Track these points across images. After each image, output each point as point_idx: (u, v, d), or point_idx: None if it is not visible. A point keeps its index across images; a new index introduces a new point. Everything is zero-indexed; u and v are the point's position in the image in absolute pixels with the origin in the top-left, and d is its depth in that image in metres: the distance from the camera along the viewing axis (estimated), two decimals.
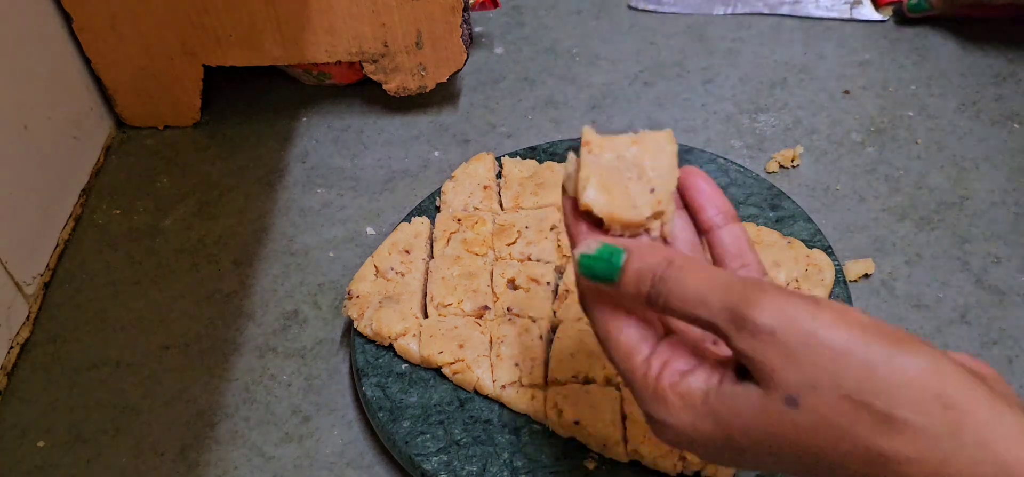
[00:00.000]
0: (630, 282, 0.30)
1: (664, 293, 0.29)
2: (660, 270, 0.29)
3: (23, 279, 0.57)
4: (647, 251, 0.30)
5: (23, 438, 0.51)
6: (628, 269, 0.30)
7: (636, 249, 0.30)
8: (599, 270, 0.31)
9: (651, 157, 0.33)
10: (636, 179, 0.32)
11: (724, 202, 0.34)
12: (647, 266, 0.30)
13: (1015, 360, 0.51)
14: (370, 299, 0.52)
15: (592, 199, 0.32)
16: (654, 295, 0.29)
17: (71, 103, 0.65)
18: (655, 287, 0.29)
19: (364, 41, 0.64)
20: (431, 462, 0.46)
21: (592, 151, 0.33)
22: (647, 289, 0.30)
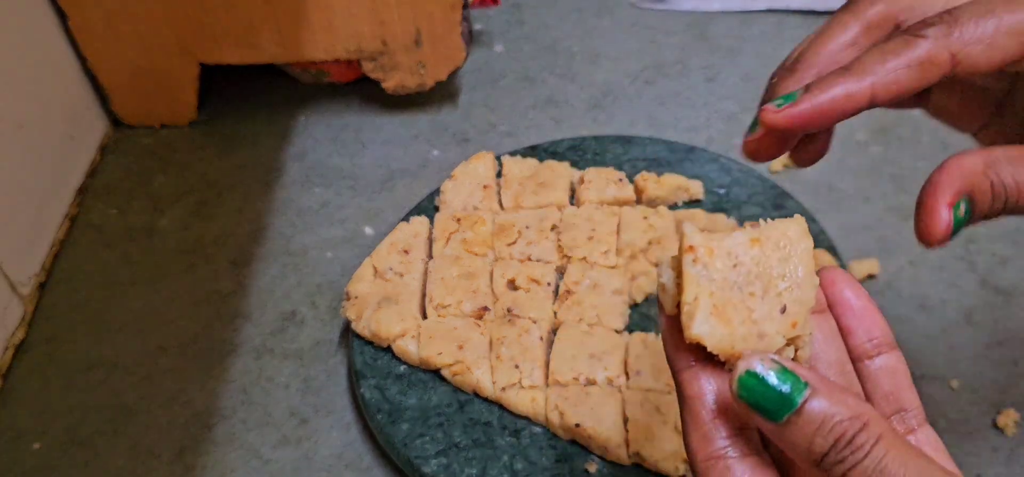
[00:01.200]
0: (805, 431, 0.23)
1: (849, 466, 0.22)
2: (853, 431, 0.22)
3: (18, 279, 0.56)
4: (837, 394, 0.23)
5: (18, 440, 0.51)
6: (808, 413, 0.23)
7: (822, 386, 0.23)
8: (768, 400, 0.23)
9: (779, 261, 0.25)
10: (761, 294, 0.25)
11: (879, 323, 0.27)
12: (836, 418, 0.22)
13: (1020, 361, 0.51)
14: (368, 300, 0.52)
15: (703, 331, 0.25)
16: (834, 461, 0.22)
17: (66, 102, 0.64)
18: (838, 452, 0.22)
19: (363, 39, 0.64)
20: (430, 464, 0.46)
21: (698, 259, 0.25)
22: (825, 449, 0.22)
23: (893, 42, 0.27)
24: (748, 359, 0.23)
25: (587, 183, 0.57)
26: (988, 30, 0.26)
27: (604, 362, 0.48)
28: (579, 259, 0.53)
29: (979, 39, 0.26)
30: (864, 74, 0.27)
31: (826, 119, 0.27)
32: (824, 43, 0.29)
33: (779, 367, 0.23)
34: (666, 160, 0.60)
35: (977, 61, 0.27)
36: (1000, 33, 0.26)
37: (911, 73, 0.26)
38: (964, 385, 0.50)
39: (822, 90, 0.27)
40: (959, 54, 0.26)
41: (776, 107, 0.28)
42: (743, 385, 0.23)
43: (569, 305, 0.51)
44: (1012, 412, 0.48)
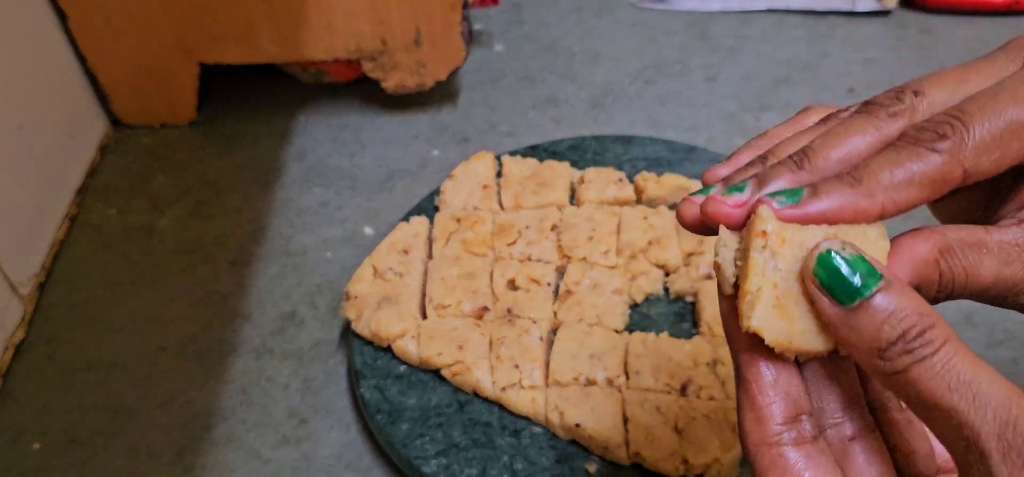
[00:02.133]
0: (875, 317, 0.22)
1: (916, 359, 0.22)
2: (919, 327, 0.22)
3: (18, 280, 0.56)
4: (911, 294, 0.23)
5: (18, 440, 0.51)
6: (880, 300, 0.22)
7: (899, 282, 0.23)
8: (841, 283, 0.23)
9: None
10: None
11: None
12: (904, 311, 0.22)
13: (1020, 361, 0.51)
14: (368, 300, 0.52)
15: (763, 325, 0.24)
16: (898, 353, 0.22)
17: (66, 102, 0.64)
18: (907, 342, 0.22)
19: (362, 38, 0.63)
20: (430, 465, 0.46)
21: (768, 246, 0.24)
22: (893, 338, 0.22)
23: (904, 154, 0.25)
24: (828, 241, 0.23)
25: (587, 183, 0.57)
26: (1000, 137, 0.25)
27: (604, 362, 0.48)
28: (579, 259, 0.53)
29: (990, 147, 0.25)
30: (874, 192, 0.24)
31: (824, 224, 0.25)
32: (836, 146, 0.26)
33: (858, 254, 0.23)
34: (666, 160, 0.60)
35: (988, 171, 0.25)
36: (1010, 138, 0.25)
37: (922, 192, 0.25)
38: None
39: (830, 197, 0.25)
40: (970, 168, 0.25)
41: (778, 204, 0.25)
42: (822, 262, 0.23)
43: (569, 305, 0.51)
44: None
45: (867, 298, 0.23)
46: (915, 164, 0.25)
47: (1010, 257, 0.25)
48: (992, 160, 0.25)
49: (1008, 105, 0.25)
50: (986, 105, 0.25)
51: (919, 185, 0.25)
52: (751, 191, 0.26)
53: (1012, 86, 0.26)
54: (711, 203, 0.26)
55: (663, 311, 0.53)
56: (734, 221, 0.26)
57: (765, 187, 0.25)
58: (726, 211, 0.25)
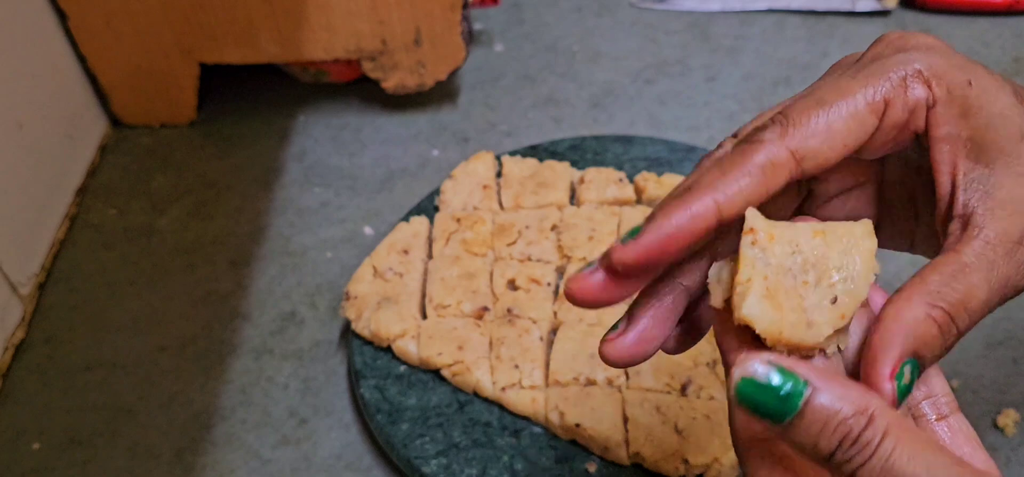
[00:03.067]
0: (809, 432, 0.22)
1: (857, 465, 0.22)
2: (858, 429, 0.22)
3: (17, 279, 0.56)
4: (839, 390, 0.22)
5: (18, 440, 0.51)
6: (809, 414, 0.22)
7: (823, 384, 0.22)
8: (767, 405, 0.22)
9: (838, 253, 0.25)
10: (814, 284, 0.25)
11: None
12: (839, 417, 0.22)
13: (1019, 361, 0.51)
14: (368, 300, 0.52)
15: (753, 313, 0.24)
16: (841, 461, 0.22)
17: (66, 101, 0.64)
18: (845, 452, 0.22)
19: (362, 38, 0.63)
20: (430, 465, 0.46)
21: (757, 242, 0.25)
22: (831, 449, 0.22)
23: (731, 154, 0.26)
24: (744, 363, 0.23)
25: (587, 183, 0.57)
26: (822, 122, 0.25)
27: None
28: (579, 259, 0.53)
29: (815, 132, 0.25)
30: (705, 191, 0.25)
31: (674, 247, 0.25)
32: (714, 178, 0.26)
33: (777, 367, 0.22)
34: (666, 160, 0.60)
35: (820, 154, 0.25)
36: (837, 120, 0.25)
37: (755, 181, 0.25)
38: (964, 385, 0.50)
39: (665, 215, 0.25)
40: (799, 150, 0.25)
41: (622, 244, 0.25)
42: (740, 392, 0.23)
43: (569, 305, 0.51)
44: (1012, 412, 0.48)
45: (797, 415, 0.22)
46: (741, 158, 0.25)
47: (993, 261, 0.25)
48: (819, 142, 0.25)
49: (825, 93, 0.26)
50: (804, 98, 0.26)
51: (750, 175, 0.25)
52: (599, 260, 0.27)
53: (829, 79, 0.27)
54: (572, 282, 0.27)
55: None
56: (590, 294, 0.27)
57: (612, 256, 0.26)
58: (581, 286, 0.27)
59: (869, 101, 0.26)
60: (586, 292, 0.27)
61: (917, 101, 0.26)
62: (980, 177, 0.26)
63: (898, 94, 0.26)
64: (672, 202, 0.25)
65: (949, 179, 0.27)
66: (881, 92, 0.26)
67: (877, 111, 0.26)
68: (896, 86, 0.26)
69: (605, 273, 0.27)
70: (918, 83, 0.26)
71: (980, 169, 0.26)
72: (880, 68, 0.26)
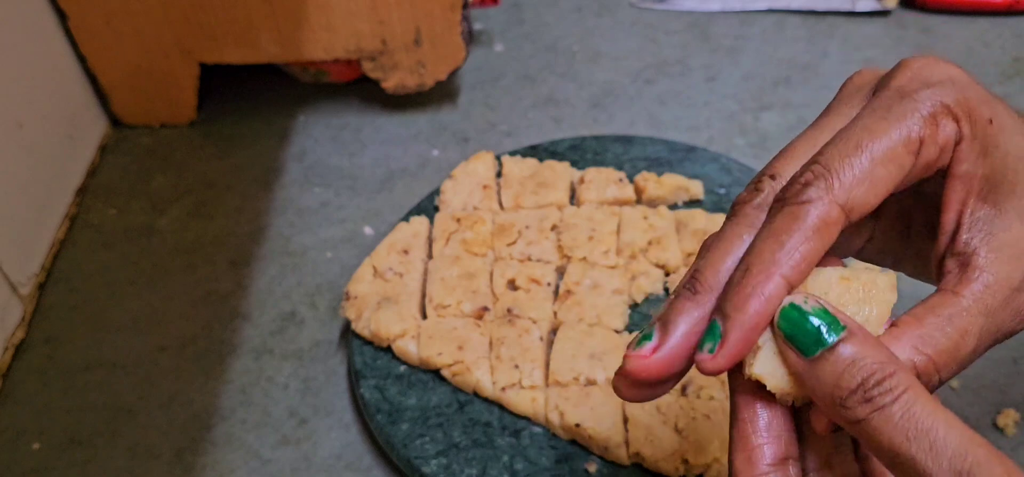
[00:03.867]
0: (835, 367, 0.23)
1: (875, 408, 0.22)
2: (877, 376, 0.22)
3: (17, 279, 0.56)
4: (872, 343, 0.23)
5: (18, 440, 0.51)
6: (840, 350, 0.23)
7: (859, 332, 0.23)
8: (805, 331, 0.23)
9: (856, 302, 0.25)
10: None
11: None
12: (867, 360, 0.23)
13: (1019, 361, 0.51)
14: (368, 300, 0.52)
15: (764, 373, 0.25)
16: (858, 402, 0.22)
17: (66, 101, 0.64)
18: (866, 392, 0.22)
19: (362, 38, 0.63)
20: (430, 465, 0.46)
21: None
22: (851, 387, 0.23)
23: (780, 220, 0.25)
24: (794, 295, 0.24)
25: (587, 183, 0.57)
26: (865, 168, 0.25)
27: (604, 362, 0.48)
28: (579, 259, 0.53)
29: (859, 181, 0.25)
30: (771, 270, 0.24)
31: (757, 335, 0.25)
32: (721, 259, 0.26)
33: (820, 307, 0.24)
34: (666, 160, 0.60)
35: (866, 202, 0.25)
36: (879, 166, 0.25)
37: (814, 246, 0.24)
38: (964, 385, 0.50)
39: (742, 310, 0.24)
40: (847, 203, 0.25)
41: (709, 354, 0.25)
42: (785, 316, 0.24)
43: (569, 305, 0.51)
44: (1012, 412, 0.48)
45: (828, 349, 0.23)
46: (794, 224, 0.25)
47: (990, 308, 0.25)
48: (865, 190, 0.25)
49: (862, 136, 0.25)
50: (840, 143, 0.25)
51: (807, 240, 0.25)
52: (657, 334, 0.26)
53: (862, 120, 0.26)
54: (629, 362, 0.26)
55: None
56: (655, 371, 0.26)
57: (668, 324, 0.25)
58: (642, 365, 0.25)
59: (904, 142, 0.25)
60: (641, 369, 0.26)
61: (947, 139, 0.26)
62: (986, 217, 0.26)
63: (931, 132, 0.25)
64: (742, 289, 0.24)
65: (955, 216, 0.26)
66: (916, 131, 0.25)
67: (913, 151, 0.25)
68: (928, 124, 0.25)
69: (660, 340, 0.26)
70: (948, 119, 0.26)
71: (987, 209, 0.26)
72: (912, 106, 0.26)
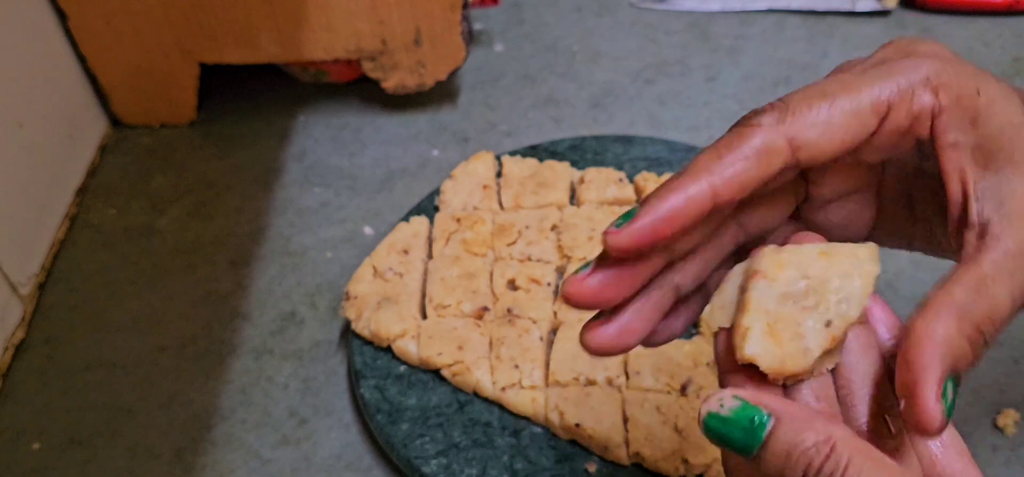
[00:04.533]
0: (775, 462, 0.23)
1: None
2: (818, 460, 0.23)
3: (17, 279, 0.56)
4: (802, 421, 0.23)
5: (18, 440, 0.51)
6: (773, 445, 0.23)
7: (786, 416, 0.23)
8: (733, 438, 0.24)
9: (839, 275, 0.25)
10: (813, 308, 0.25)
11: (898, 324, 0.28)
12: (800, 448, 0.23)
13: (1020, 360, 0.51)
14: (368, 300, 0.52)
15: (756, 352, 0.25)
16: None
17: (66, 101, 0.64)
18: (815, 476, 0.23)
19: (362, 38, 0.63)
20: (430, 465, 0.46)
21: (766, 277, 0.26)
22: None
23: (726, 137, 0.26)
24: (710, 399, 0.24)
25: (587, 183, 0.57)
26: (822, 114, 0.25)
27: (604, 362, 0.48)
28: (579, 259, 0.53)
29: (814, 123, 0.25)
30: (700, 174, 0.25)
31: (668, 230, 0.25)
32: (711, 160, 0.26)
33: (741, 403, 0.24)
34: (666, 160, 0.60)
35: (817, 145, 0.25)
36: (837, 115, 0.25)
37: (749, 165, 0.25)
38: (964, 385, 0.50)
39: (660, 198, 0.25)
40: (796, 139, 0.25)
41: (616, 228, 0.25)
42: (707, 426, 0.24)
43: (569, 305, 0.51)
44: (1012, 412, 0.48)
45: (762, 448, 0.23)
46: (738, 141, 0.25)
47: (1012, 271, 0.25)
48: (817, 134, 0.25)
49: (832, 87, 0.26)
50: (808, 89, 0.26)
51: (745, 159, 0.25)
52: (594, 260, 0.27)
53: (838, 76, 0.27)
54: (568, 285, 0.27)
55: None
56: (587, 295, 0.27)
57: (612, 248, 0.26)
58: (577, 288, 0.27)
59: (873, 101, 0.26)
60: (583, 294, 0.27)
61: (922, 108, 0.26)
62: (993, 186, 0.26)
63: (903, 99, 0.26)
64: (667, 186, 0.25)
65: (960, 187, 0.27)
66: (886, 94, 0.26)
67: (879, 112, 0.26)
68: (902, 91, 0.26)
69: (598, 267, 0.27)
70: (924, 90, 0.26)
71: (991, 177, 0.26)
72: (887, 71, 0.26)
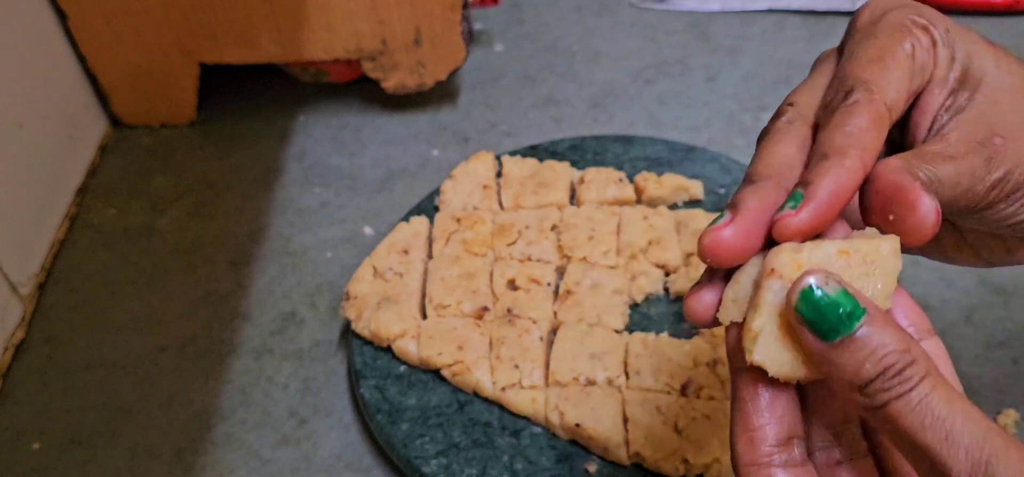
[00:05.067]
0: (856, 355, 0.22)
1: (894, 396, 0.22)
2: (902, 363, 0.22)
3: (17, 279, 0.56)
4: (893, 328, 0.23)
5: (18, 440, 0.51)
6: (861, 338, 0.22)
7: (879, 318, 0.23)
8: (827, 317, 0.23)
9: (860, 275, 0.24)
10: None
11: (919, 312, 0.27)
12: (888, 347, 0.22)
13: (1020, 360, 0.51)
14: (368, 300, 0.52)
15: (764, 359, 0.24)
16: (877, 390, 0.22)
17: (66, 102, 0.64)
18: (885, 380, 0.22)
19: (362, 38, 0.63)
20: (430, 465, 0.46)
21: (781, 277, 0.24)
22: (872, 376, 0.22)
23: (838, 117, 0.26)
24: (812, 275, 0.23)
25: (587, 183, 0.57)
26: (890, 76, 0.26)
27: (604, 362, 0.48)
28: (579, 259, 0.53)
29: (889, 84, 0.26)
30: (845, 151, 0.25)
31: (841, 202, 0.25)
32: (773, 152, 0.27)
33: (841, 289, 0.23)
34: (666, 160, 0.60)
35: (898, 104, 0.26)
36: (894, 70, 0.26)
37: (874, 132, 0.25)
38: (964, 385, 0.49)
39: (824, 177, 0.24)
40: (888, 102, 0.26)
41: (792, 209, 0.24)
42: (804, 298, 0.23)
43: (569, 305, 0.51)
44: (1012, 412, 0.48)
45: (848, 335, 0.23)
46: (850, 118, 0.25)
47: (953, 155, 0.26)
48: (895, 92, 0.26)
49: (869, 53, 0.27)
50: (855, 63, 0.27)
51: (870, 127, 0.25)
52: (729, 213, 0.26)
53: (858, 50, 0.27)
54: (706, 238, 0.25)
55: (663, 311, 0.52)
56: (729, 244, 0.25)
57: (738, 203, 0.25)
58: (717, 238, 0.25)
59: (905, 50, 0.27)
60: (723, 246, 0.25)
61: (928, 44, 0.27)
62: (956, 106, 0.28)
63: (916, 40, 0.27)
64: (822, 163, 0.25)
65: (929, 120, 0.28)
66: (907, 41, 0.27)
67: (911, 55, 0.27)
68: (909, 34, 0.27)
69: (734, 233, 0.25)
70: (920, 30, 0.27)
71: (959, 101, 0.28)
72: (890, 24, 0.27)
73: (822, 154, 0.25)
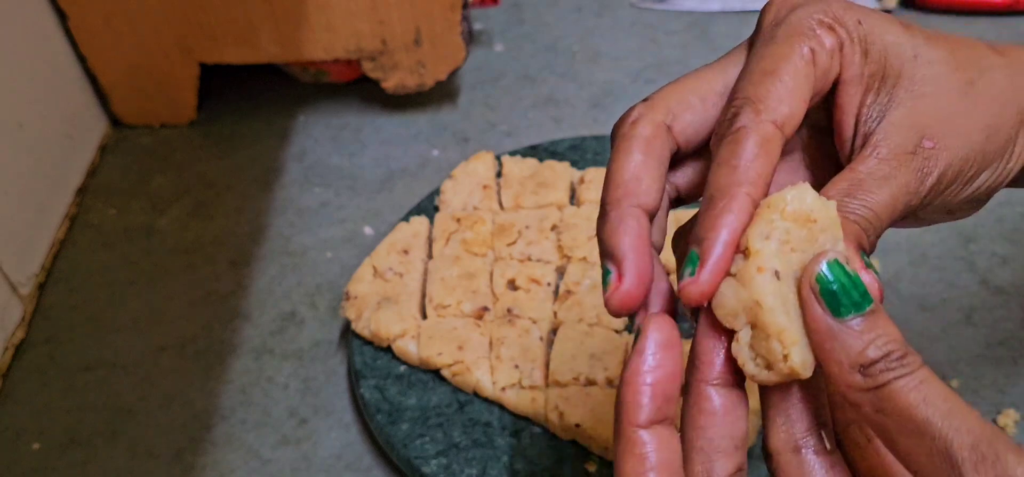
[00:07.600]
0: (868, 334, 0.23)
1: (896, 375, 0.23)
2: (903, 350, 0.23)
3: (17, 279, 0.56)
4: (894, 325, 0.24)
5: (17, 440, 0.51)
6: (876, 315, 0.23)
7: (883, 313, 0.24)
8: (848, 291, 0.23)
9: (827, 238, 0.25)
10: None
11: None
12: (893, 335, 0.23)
13: (1020, 360, 0.51)
14: (368, 300, 0.52)
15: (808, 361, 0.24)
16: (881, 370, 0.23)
17: (66, 102, 0.64)
18: (889, 361, 0.23)
19: (362, 38, 0.63)
20: (430, 465, 0.46)
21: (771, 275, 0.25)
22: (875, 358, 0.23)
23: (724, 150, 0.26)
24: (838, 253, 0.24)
25: (587, 183, 0.57)
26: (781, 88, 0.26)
27: (604, 362, 0.48)
28: (579, 259, 0.53)
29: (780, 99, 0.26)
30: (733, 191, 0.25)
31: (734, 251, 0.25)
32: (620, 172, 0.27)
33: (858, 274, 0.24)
34: None
35: (792, 117, 0.26)
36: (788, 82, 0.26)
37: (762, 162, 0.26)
38: (964, 385, 0.50)
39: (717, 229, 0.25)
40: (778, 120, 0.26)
41: (690, 278, 0.25)
42: (831, 268, 0.24)
43: (569, 305, 0.51)
44: (1012, 412, 0.48)
45: (860, 315, 0.23)
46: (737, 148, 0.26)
47: (887, 175, 0.26)
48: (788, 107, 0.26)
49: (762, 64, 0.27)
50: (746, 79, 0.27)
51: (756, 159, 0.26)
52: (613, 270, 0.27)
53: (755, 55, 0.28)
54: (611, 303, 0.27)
55: None
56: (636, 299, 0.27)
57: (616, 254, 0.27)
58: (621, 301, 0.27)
59: (803, 56, 0.27)
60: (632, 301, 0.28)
61: (832, 46, 0.27)
62: (879, 104, 0.27)
63: (818, 43, 0.27)
64: (710, 213, 0.25)
65: (853, 120, 0.28)
66: (806, 45, 0.27)
67: (810, 62, 0.27)
68: (811, 37, 0.27)
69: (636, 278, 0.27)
70: (824, 30, 0.27)
71: (882, 100, 0.28)
72: (791, 28, 0.27)
73: (710, 197, 0.26)
